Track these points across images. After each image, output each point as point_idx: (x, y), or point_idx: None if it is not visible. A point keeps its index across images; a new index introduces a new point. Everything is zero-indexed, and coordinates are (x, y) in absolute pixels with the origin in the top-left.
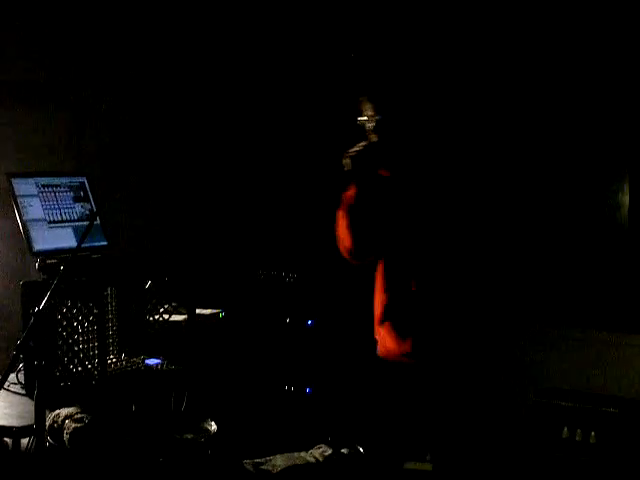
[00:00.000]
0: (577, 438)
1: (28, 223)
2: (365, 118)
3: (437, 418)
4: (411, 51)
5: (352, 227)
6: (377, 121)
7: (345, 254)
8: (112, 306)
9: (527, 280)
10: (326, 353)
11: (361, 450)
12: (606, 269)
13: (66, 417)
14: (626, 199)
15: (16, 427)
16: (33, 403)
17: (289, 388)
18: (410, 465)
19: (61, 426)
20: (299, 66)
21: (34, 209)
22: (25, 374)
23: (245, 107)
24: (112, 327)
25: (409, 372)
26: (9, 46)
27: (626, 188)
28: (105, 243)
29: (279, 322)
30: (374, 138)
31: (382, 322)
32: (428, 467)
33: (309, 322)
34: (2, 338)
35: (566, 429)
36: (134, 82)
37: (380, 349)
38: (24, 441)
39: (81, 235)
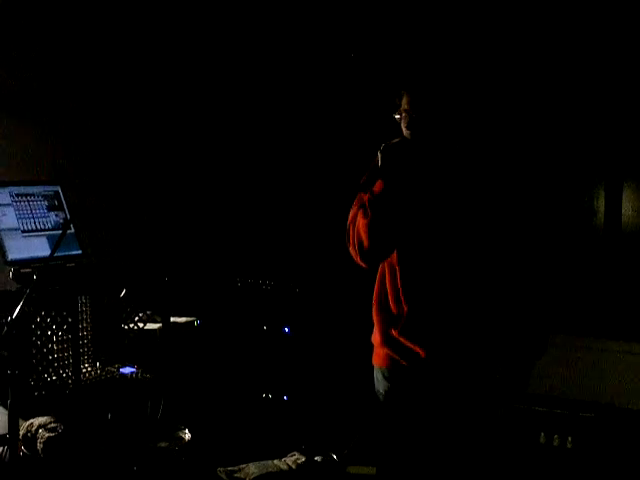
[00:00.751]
0: (554, 443)
1: (2, 232)
2: (398, 116)
3: (423, 423)
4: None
5: (373, 225)
6: (412, 118)
7: (357, 255)
8: (86, 315)
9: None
10: (303, 360)
11: (335, 458)
12: (582, 274)
13: (40, 426)
14: (602, 205)
15: None
16: (6, 412)
17: (266, 396)
18: (353, 469)
19: (35, 435)
20: (294, 69)
21: (8, 218)
22: None
23: (225, 114)
24: (86, 336)
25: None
26: None
27: (602, 194)
28: (79, 252)
29: (256, 330)
30: (407, 135)
31: (400, 334)
32: (372, 471)
33: (286, 329)
34: None
35: (543, 434)
36: (111, 91)
37: (386, 356)
38: None
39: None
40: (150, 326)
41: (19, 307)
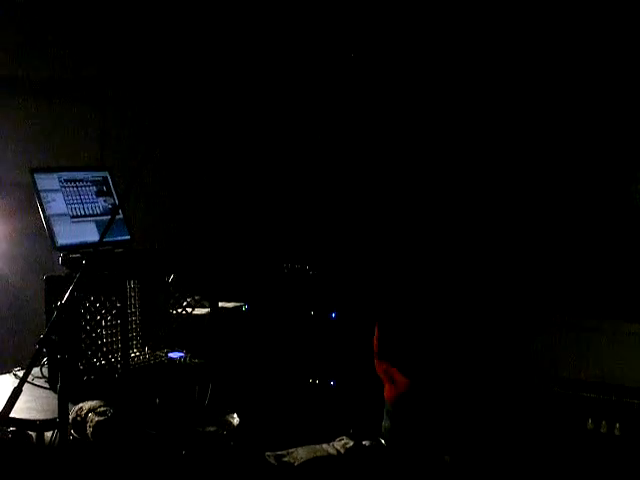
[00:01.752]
0: (602, 430)
1: (51, 218)
2: None
3: (459, 410)
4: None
5: None
6: None
7: None
8: (135, 300)
9: (549, 271)
10: (350, 346)
11: (383, 442)
12: (627, 258)
13: (89, 410)
14: None
15: (40, 420)
16: (56, 396)
17: (313, 381)
18: None
19: (84, 419)
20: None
21: (57, 204)
22: (49, 368)
23: (266, 101)
24: (135, 321)
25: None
26: (32, 43)
27: None
28: (128, 237)
29: (303, 315)
30: None
31: None
32: None
33: (333, 315)
34: (27, 332)
35: (590, 421)
36: (156, 76)
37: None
38: (48, 434)
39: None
40: (198, 311)
41: (68, 292)
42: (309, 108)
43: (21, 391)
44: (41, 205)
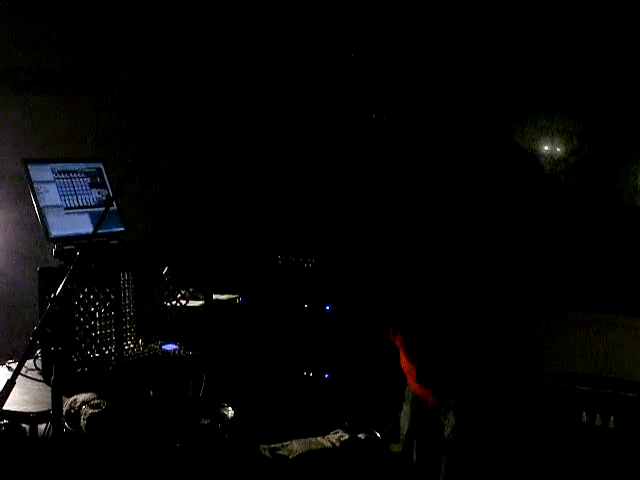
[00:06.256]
0: (596, 423)
1: (44, 209)
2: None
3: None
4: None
5: None
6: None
7: None
8: (129, 292)
9: (545, 264)
10: (344, 339)
11: (378, 435)
12: (624, 252)
13: (83, 403)
14: None
15: (33, 413)
16: (50, 389)
17: (307, 374)
18: (396, 447)
19: (78, 412)
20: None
21: (50, 195)
22: (42, 360)
23: (262, 95)
24: (129, 313)
25: None
26: (25, 33)
27: None
28: (122, 229)
29: (297, 308)
30: None
31: None
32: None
33: (327, 308)
34: (21, 324)
35: (585, 414)
36: (153, 67)
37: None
38: (41, 427)
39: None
40: (192, 303)
41: (62, 284)
42: (305, 103)
43: (14, 383)
44: (34, 196)
